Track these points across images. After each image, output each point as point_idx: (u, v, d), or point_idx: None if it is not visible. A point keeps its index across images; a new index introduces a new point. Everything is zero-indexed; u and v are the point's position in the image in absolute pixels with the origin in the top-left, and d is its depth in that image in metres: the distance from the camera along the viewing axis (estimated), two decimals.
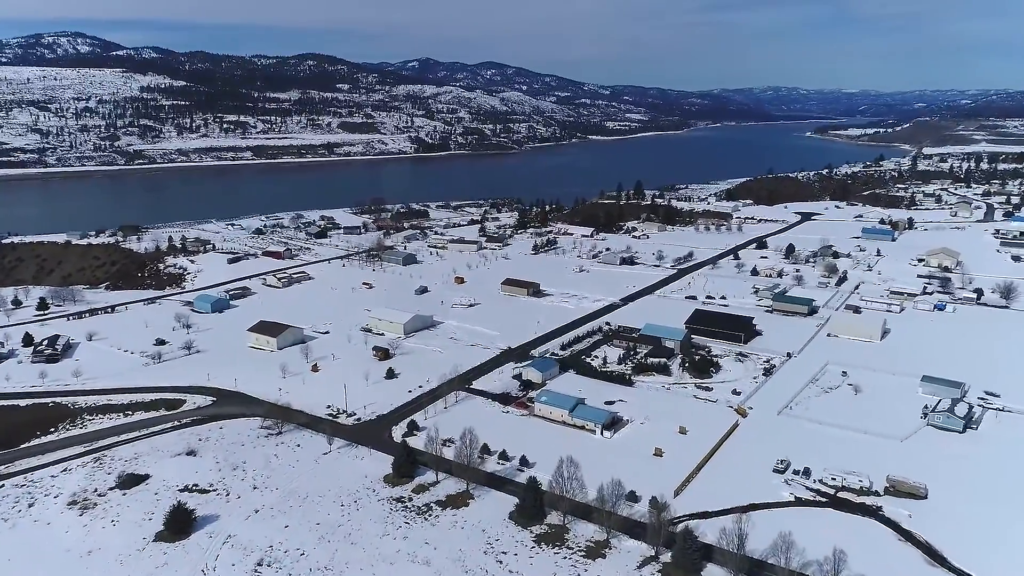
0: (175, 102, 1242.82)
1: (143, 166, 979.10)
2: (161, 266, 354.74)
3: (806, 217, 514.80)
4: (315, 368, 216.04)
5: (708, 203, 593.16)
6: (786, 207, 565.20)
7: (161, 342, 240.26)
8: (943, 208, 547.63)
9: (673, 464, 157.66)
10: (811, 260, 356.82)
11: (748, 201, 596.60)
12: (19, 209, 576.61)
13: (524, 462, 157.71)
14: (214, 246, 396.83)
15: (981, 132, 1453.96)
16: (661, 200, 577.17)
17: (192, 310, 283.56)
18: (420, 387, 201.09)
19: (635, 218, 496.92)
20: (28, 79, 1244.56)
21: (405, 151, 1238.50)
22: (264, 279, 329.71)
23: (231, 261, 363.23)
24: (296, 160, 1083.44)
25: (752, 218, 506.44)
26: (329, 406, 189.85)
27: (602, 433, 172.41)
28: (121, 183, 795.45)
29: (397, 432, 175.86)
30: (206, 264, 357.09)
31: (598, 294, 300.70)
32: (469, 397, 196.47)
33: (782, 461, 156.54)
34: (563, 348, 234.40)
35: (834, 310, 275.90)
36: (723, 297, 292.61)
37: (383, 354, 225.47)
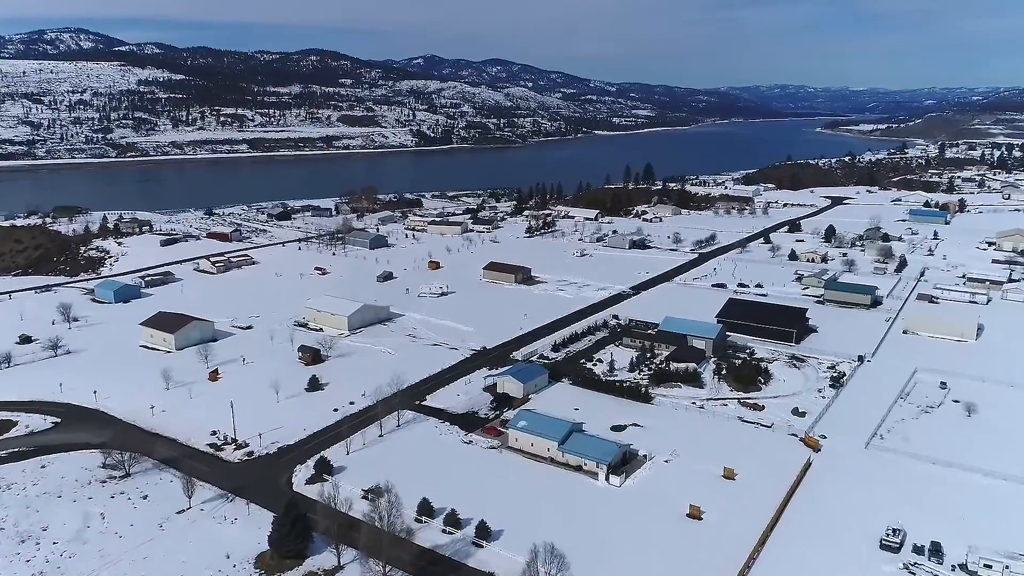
0: (172, 95, 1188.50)
1: (135, 158, 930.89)
2: (83, 249, 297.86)
3: (837, 201, 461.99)
4: (214, 375, 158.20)
5: (726, 187, 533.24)
6: (812, 192, 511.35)
7: (26, 340, 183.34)
8: (987, 192, 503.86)
9: (719, 533, 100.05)
10: (858, 243, 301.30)
11: (770, 185, 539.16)
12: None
13: (483, 531, 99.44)
14: (151, 227, 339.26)
15: (998, 126, 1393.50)
16: (674, 185, 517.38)
17: (92, 300, 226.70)
18: (352, 403, 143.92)
19: (645, 202, 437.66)
20: (24, 72, 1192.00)
21: (406, 144, 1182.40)
22: (197, 264, 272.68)
23: (165, 243, 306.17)
24: (293, 153, 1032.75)
25: (776, 202, 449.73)
26: (215, 432, 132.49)
27: (607, 478, 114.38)
28: (110, 174, 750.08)
29: (302, 475, 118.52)
30: (135, 247, 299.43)
31: (603, 281, 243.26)
32: (420, 418, 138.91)
33: (895, 531, 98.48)
34: (555, 349, 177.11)
35: (901, 300, 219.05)
36: (759, 285, 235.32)
37: (311, 357, 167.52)
